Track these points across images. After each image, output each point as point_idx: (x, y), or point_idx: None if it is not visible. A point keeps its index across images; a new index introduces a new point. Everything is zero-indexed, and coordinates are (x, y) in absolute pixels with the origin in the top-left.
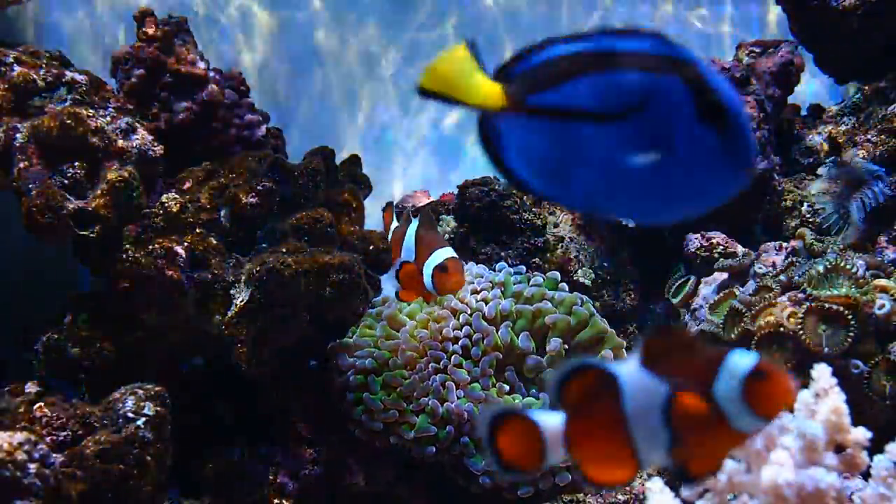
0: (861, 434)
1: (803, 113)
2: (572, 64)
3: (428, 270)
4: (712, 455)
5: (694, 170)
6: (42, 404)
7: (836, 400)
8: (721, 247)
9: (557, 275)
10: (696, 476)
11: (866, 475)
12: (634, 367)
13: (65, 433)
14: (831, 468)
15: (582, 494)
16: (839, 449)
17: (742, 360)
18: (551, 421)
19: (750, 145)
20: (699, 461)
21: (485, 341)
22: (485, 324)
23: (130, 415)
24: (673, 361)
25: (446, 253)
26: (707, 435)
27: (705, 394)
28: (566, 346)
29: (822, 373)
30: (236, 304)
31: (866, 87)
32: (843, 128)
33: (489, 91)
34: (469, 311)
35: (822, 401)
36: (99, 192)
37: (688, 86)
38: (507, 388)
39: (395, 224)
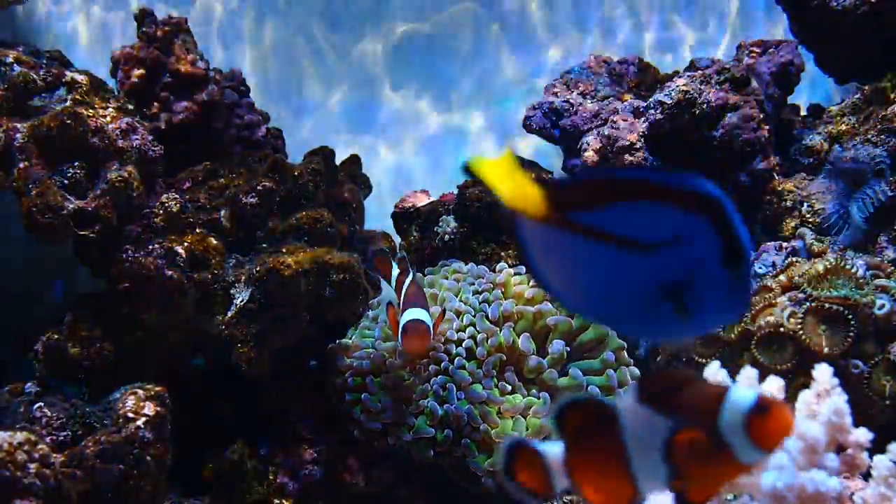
0: (862, 434)
1: (803, 113)
2: (615, 189)
3: (399, 328)
4: (712, 485)
5: (707, 302)
6: (42, 404)
7: (837, 400)
8: None
9: None
10: (692, 501)
11: (867, 475)
12: (633, 400)
13: (65, 433)
14: (832, 469)
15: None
16: (840, 449)
17: (744, 396)
18: (552, 451)
19: (748, 288)
20: (698, 490)
21: (489, 342)
22: (489, 324)
23: (130, 415)
24: (673, 397)
25: (414, 314)
26: (709, 467)
27: (711, 428)
28: (568, 349)
29: (823, 373)
30: (236, 304)
31: (866, 87)
32: (843, 128)
33: (531, 195)
34: (473, 312)
35: (823, 401)
36: (99, 192)
37: (716, 228)
38: (508, 388)
39: (395, 271)
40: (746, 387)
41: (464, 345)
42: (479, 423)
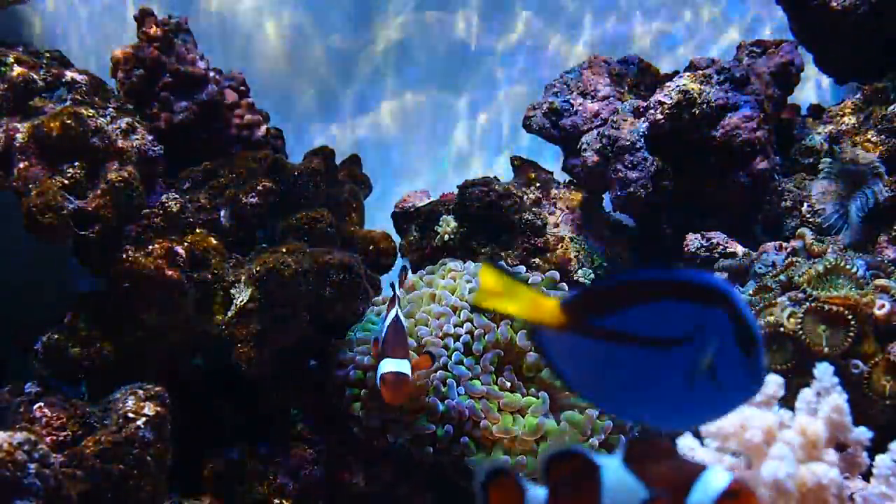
0: (862, 433)
1: (803, 113)
2: (630, 292)
3: (378, 376)
4: None
5: (725, 388)
6: (42, 404)
7: (837, 399)
8: (721, 247)
9: (556, 274)
10: None
11: (866, 475)
12: (617, 463)
13: (65, 433)
14: (833, 465)
15: None
16: (840, 448)
17: (717, 479)
18: (536, 493)
19: (763, 368)
20: None
21: (486, 337)
22: (486, 320)
23: (130, 415)
24: (654, 467)
25: (390, 365)
26: None
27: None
28: None
29: (823, 372)
30: (236, 304)
31: (866, 87)
32: (843, 128)
33: (547, 307)
34: (469, 308)
35: (823, 399)
36: (99, 192)
37: (730, 318)
38: (507, 385)
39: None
40: (723, 470)
41: (461, 340)
42: (480, 418)
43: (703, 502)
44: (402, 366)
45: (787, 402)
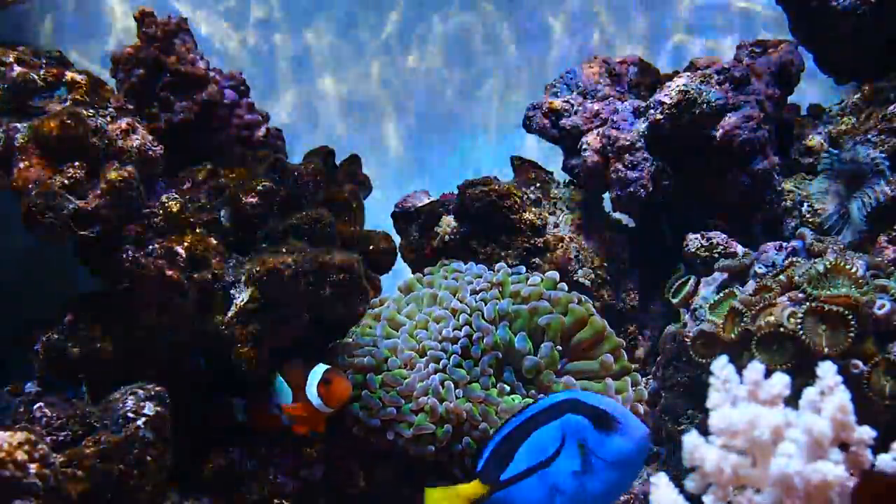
0: (865, 432)
1: (803, 113)
2: (510, 441)
3: (312, 389)
4: None
5: (616, 461)
6: (42, 404)
7: (841, 398)
8: (721, 247)
9: (556, 275)
10: None
11: None
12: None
13: (65, 433)
14: (838, 463)
15: None
16: (842, 447)
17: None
18: None
19: (635, 423)
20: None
21: (484, 340)
22: (484, 323)
23: (130, 415)
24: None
25: (322, 367)
26: None
27: None
28: (559, 349)
29: (827, 371)
30: (236, 304)
31: (866, 87)
32: (843, 128)
33: (472, 490)
34: (469, 311)
35: (827, 398)
36: (99, 192)
37: (580, 414)
38: (507, 388)
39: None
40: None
41: (459, 343)
42: (479, 422)
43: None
44: (330, 368)
45: (787, 402)
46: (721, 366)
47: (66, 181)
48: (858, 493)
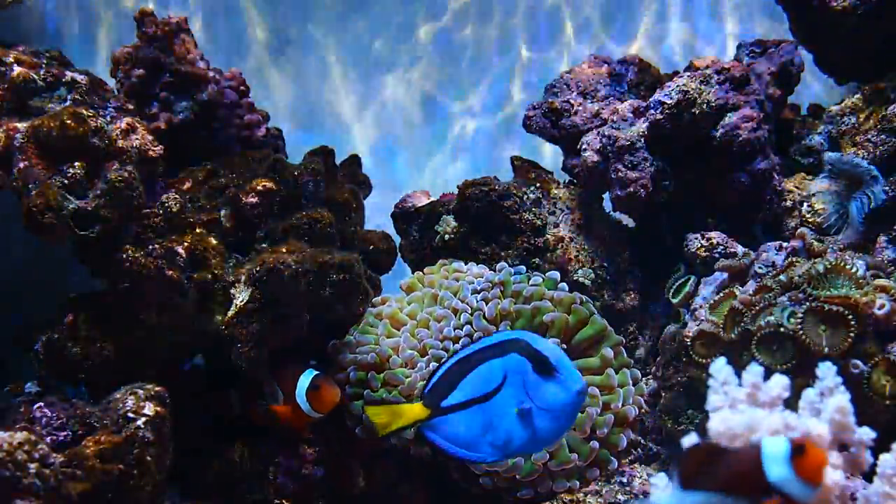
0: (865, 433)
1: (803, 113)
2: (456, 371)
3: (302, 394)
4: None
5: (550, 406)
6: (42, 404)
7: (840, 399)
8: (721, 247)
9: (557, 274)
10: None
11: (867, 475)
12: (678, 492)
13: (65, 433)
14: (836, 466)
15: (581, 494)
16: (842, 448)
17: (776, 445)
18: None
19: (573, 376)
20: None
21: None
22: (485, 322)
23: (130, 415)
24: (711, 474)
25: (311, 373)
26: None
27: (763, 486)
28: (564, 346)
29: (827, 372)
30: (236, 304)
31: (866, 87)
32: (843, 128)
33: (416, 411)
34: (470, 311)
35: (826, 399)
36: (99, 192)
37: (523, 355)
38: None
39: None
40: (771, 438)
41: (461, 343)
42: None
43: (782, 472)
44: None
45: (787, 402)
46: (719, 368)
47: (66, 181)
48: (686, 462)
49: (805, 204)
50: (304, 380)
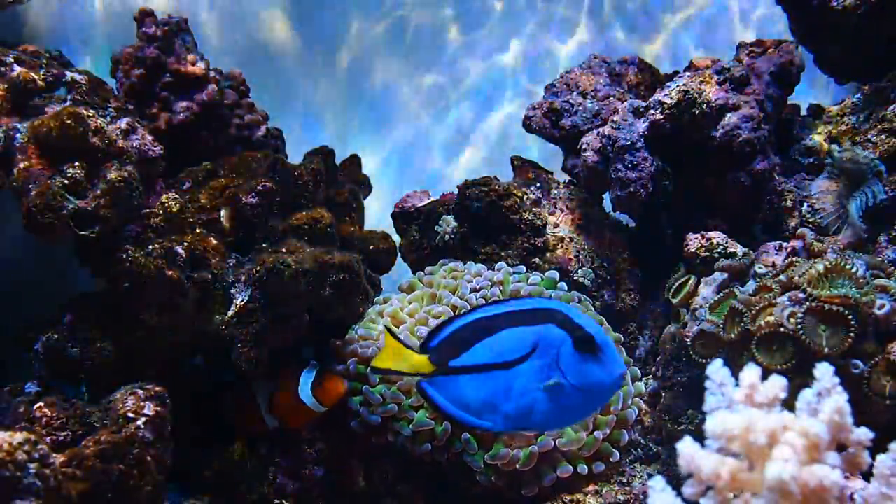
0: (863, 434)
1: (803, 113)
2: (472, 332)
3: (306, 389)
4: None
5: (583, 386)
6: (42, 404)
7: (838, 399)
8: (721, 247)
9: (556, 274)
10: None
11: (866, 475)
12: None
13: (65, 433)
14: (835, 466)
15: (581, 495)
16: (840, 448)
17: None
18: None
19: (616, 358)
20: None
21: None
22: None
23: (130, 415)
24: None
25: (314, 368)
26: None
27: None
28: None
29: (824, 372)
30: (236, 304)
31: (866, 87)
32: (843, 128)
33: (419, 362)
34: (469, 309)
35: (824, 400)
36: (99, 192)
37: (563, 329)
38: None
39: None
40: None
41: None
42: None
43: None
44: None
45: (787, 402)
46: (716, 369)
47: (66, 181)
48: None
49: (805, 204)
50: (307, 375)
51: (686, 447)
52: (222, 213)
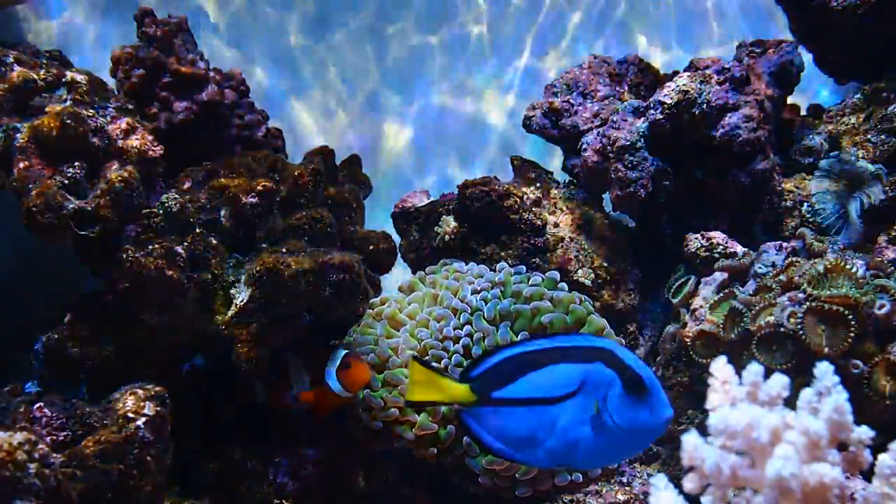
0: (864, 432)
1: (803, 113)
2: (518, 364)
3: (332, 373)
4: None
5: (629, 427)
6: (42, 404)
7: (838, 398)
8: (721, 247)
9: (556, 274)
10: None
11: (867, 475)
12: None
13: (65, 433)
14: (835, 465)
15: (581, 495)
16: (841, 448)
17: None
18: None
19: (664, 401)
20: None
21: (485, 341)
22: (485, 323)
23: (130, 415)
24: None
25: (341, 352)
26: None
27: None
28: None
29: (824, 371)
30: (236, 304)
31: (866, 87)
32: (843, 128)
33: (460, 392)
34: (470, 311)
35: (824, 399)
36: (99, 192)
37: (611, 368)
38: None
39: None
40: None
41: (461, 343)
42: None
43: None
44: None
45: (787, 402)
46: (720, 367)
47: (66, 181)
48: None
49: (805, 204)
50: (335, 359)
51: (690, 440)
52: (222, 213)
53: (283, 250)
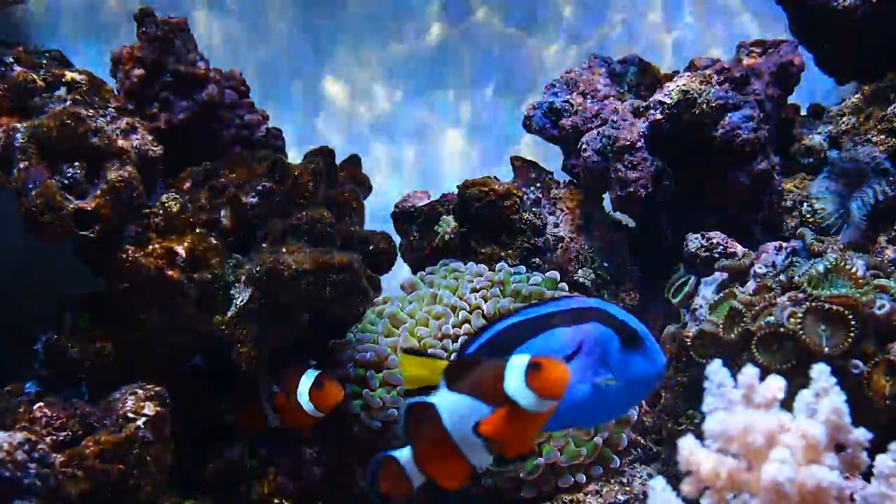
0: (861, 434)
1: (803, 113)
2: (511, 337)
3: (304, 393)
4: (522, 440)
5: (630, 378)
6: (42, 404)
7: (835, 399)
8: (721, 247)
9: (556, 274)
10: (511, 458)
11: (866, 475)
12: (444, 392)
13: (65, 433)
14: (832, 467)
15: (581, 494)
16: (839, 449)
17: (518, 361)
18: (403, 454)
19: (658, 349)
20: (512, 448)
21: None
22: (484, 322)
23: (130, 415)
24: (472, 378)
25: (314, 372)
26: (512, 429)
27: (501, 395)
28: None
29: (821, 372)
30: (236, 304)
31: (866, 87)
32: (843, 128)
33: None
34: (468, 309)
35: (822, 400)
36: (99, 192)
37: (608, 326)
38: None
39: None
40: (519, 356)
41: (459, 341)
42: None
43: (517, 387)
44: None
45: (787, 402)
46: (715, 370)
47: (66, 181)
48: (452, 368)
49: (805, 204)
50: (307, 379)
51: (686, 444)
52: (222, 213)
53: (283, 250)
